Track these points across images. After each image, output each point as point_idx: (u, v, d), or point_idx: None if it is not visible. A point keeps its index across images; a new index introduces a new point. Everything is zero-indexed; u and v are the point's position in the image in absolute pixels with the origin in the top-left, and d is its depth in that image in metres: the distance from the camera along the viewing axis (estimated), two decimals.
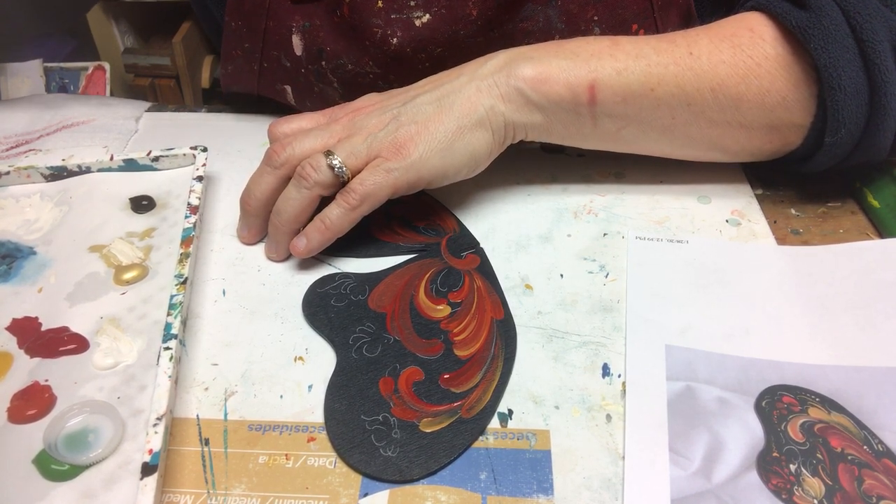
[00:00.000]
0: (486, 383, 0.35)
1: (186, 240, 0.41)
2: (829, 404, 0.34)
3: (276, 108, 0.56)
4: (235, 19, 0.49)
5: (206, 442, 0.33)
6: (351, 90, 0.48)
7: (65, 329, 0.37)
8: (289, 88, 0.52)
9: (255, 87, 0.53)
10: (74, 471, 0.31)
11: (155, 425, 0.31)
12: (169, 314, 0.36)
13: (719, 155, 0.45)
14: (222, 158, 0.51)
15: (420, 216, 0.45)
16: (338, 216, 0.40)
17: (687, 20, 0.48)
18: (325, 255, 0.43)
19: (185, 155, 0.48)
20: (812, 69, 0.38)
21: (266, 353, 0.37)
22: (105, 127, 0.54)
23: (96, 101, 0.57)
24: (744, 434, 0.33)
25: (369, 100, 0.44)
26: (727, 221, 0.45)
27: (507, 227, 0.45)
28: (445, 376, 0.36)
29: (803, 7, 0.38)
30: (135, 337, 0.37)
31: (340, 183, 0.40)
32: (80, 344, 0.37)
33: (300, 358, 0.37)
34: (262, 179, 0.42)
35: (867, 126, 0.39)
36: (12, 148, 0.51)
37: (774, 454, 0.32)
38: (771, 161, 0.45)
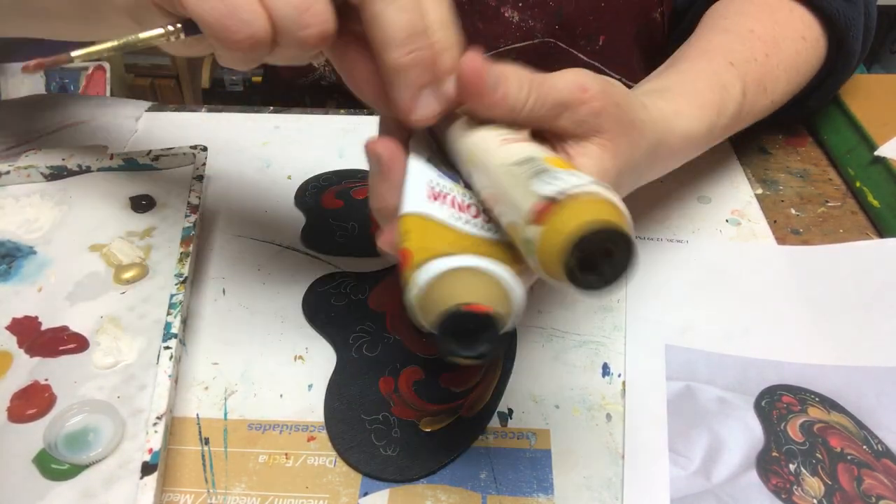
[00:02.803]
0: (487, 383, 0.35)
1: (186, 239, 0.41)
2: (829, 404, 0.34)
3: (276, 108, 0.56)
4: None
5: (206, 441, 0.33)
6: None
7: (65, 328, 0.37)
8: None
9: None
10: (74, 470, 0.31)
11: (155, 424, 0.31)
12: (169, 313, 0.36)
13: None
14: (222, 158, 0.51)
15: None
16: None
17: None
18: (325, 254, 0.43)
19: (184, 154, 0.47)
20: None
21: (266, 352, 0.37)
22: (105, 127, 0.54)
23: (96, 100, 0.57)
24: (743, 434, 0.33)
25: None
26: (727, 221, 0.45)
27: None
28: (445, 376, 0.35)
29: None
30: (135, 336, 0.37)
31: None
32: (80, 343, 0.37)
33: (300, 357, 0.37)
34: None
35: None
36: (12, 148, 0.51)
37: (774, 454, 0.32)
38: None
